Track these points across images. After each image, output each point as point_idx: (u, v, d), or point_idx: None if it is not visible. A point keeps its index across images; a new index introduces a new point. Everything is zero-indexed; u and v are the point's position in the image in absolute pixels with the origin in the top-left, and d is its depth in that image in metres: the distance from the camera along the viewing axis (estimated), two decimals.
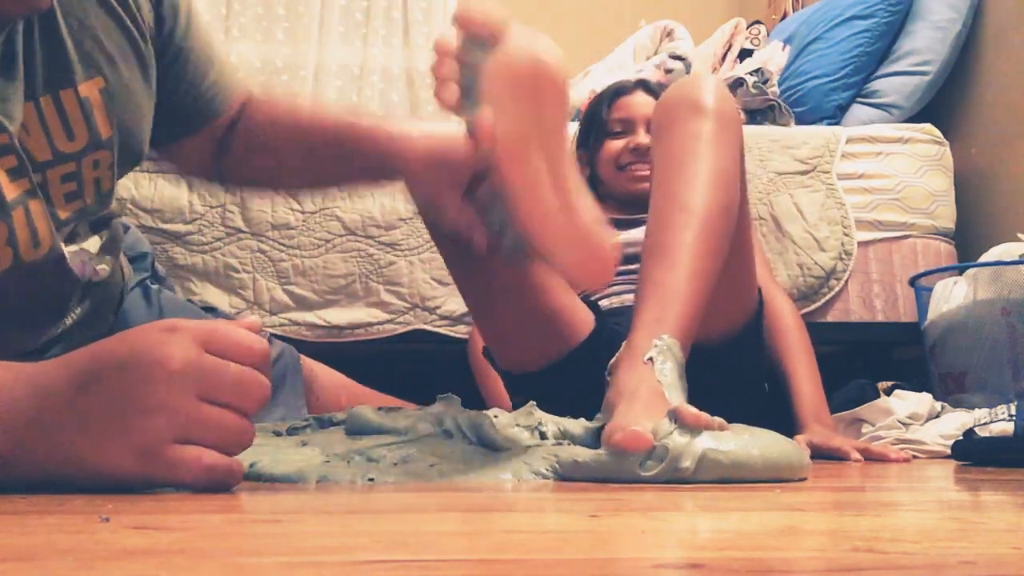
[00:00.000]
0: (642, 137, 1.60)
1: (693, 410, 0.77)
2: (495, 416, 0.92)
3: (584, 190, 0.87)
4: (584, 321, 1.27)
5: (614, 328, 1.25)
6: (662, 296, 0.95)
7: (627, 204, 1.62)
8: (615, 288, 1.49)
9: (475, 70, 0.77)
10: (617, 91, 1.71)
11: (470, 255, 1.01)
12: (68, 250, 0.86)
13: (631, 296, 1.43)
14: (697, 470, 0.74)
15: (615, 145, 1.64)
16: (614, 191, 1.65)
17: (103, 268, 0.94)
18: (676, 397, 0.85)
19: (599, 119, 1.69)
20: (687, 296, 0.94)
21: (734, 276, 1.17)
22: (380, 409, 0.98)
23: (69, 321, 0.92)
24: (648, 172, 1.57)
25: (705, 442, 0.75)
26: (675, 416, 0.77)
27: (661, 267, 0.97)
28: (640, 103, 1.65)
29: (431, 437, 0.89)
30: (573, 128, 1.87)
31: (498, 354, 1.24)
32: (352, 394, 1.39)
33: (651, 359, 0.88)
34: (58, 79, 0.80)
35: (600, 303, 1.48)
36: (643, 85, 1.71)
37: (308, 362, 1.35)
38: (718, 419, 0.78)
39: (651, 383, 0.85)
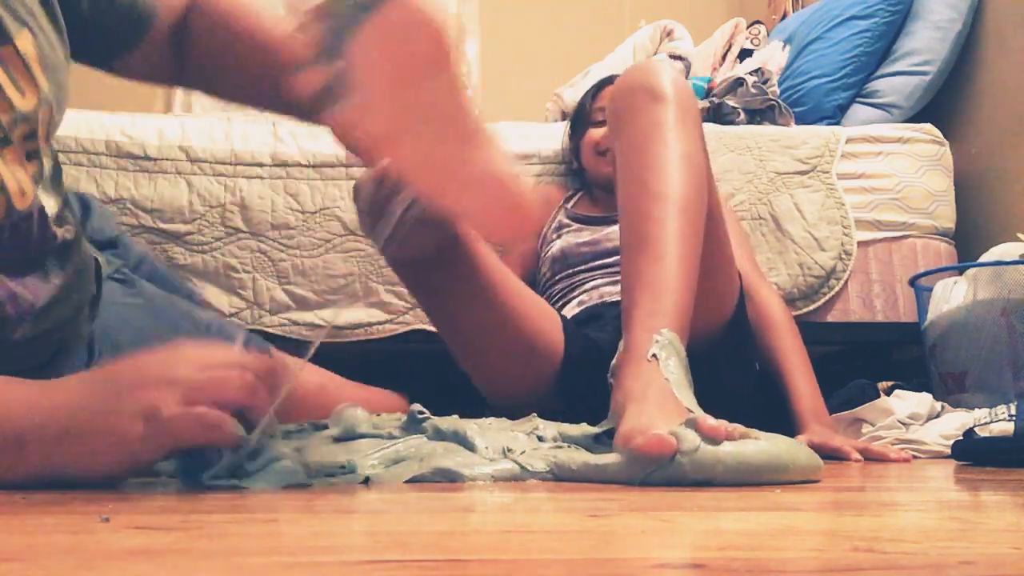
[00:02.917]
0: None
1: (712, 421, 0.75)
2: (489, 424, 0.92)
3: (494, 140, 0.79)
4: (557, 340, 1.24)
5: (587, 336, 1.25)
6: (652, 289, 0.92)
7: (607, 197, 1.63)
8: (595, 282, 1.49)
9: (342, 35, 0.64)
10: (602, 82, 1.73)
11: (436, 287, 1.02)
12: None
13: (609, 289, 1.44)
14: (727, 477, 0.73)
15: (596, 132, 1.66)
16: (597, 178, 1.67)
17: (69, 229, 0.92)
18: (686, 396, 0.83)
19: (583, 110, 1.72)
20: (677, 287, 0.92)
21: (713, 266, 1.14)
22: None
23: (57, 282, 0.90)
24: None
25: (732, 453, 0.73)
26: (694, 426, 0.75)
27: (646, 259, 0.95)
28: None
29: (418, 439, 0.89)
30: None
31: (484, 388, 1.23)
32: (334, 386, 1.37)
33: (654, 356, 0.86)
34: None
35: (579, 298, 1.48)
36: None
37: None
38: (739, 427, 0.76)
39: (659, 383, 0.83)
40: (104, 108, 1.77)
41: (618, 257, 1.46)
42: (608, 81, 1.73)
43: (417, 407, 0.93)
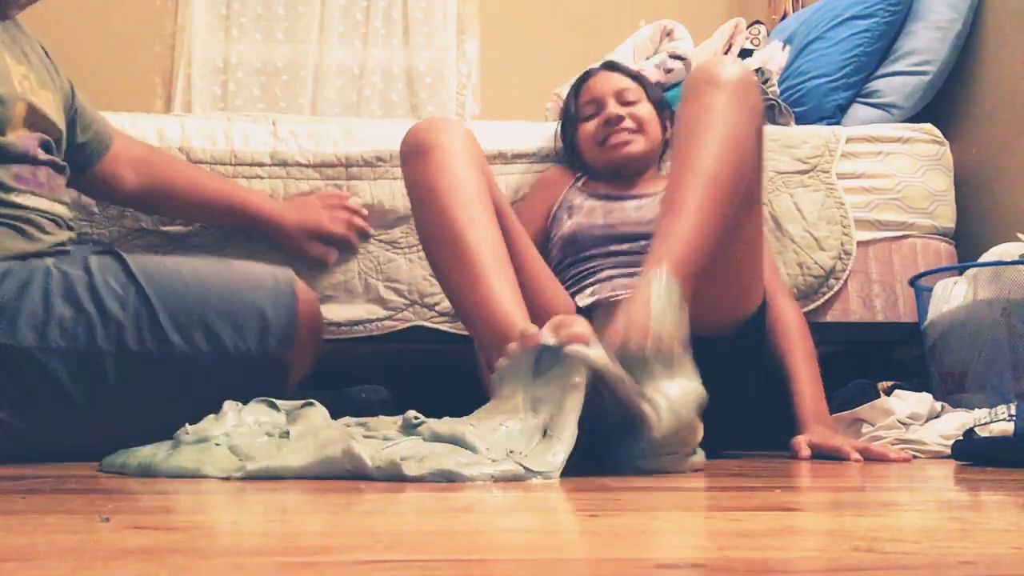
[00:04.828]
0: (612, 107, 1.60)
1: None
2: (485, 425, 0.92)
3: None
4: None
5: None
6: (665, 242, 1.06)
7: (617, 179, 1.60)
8: (608, 271, 1.47)
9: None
10: (581, 79, 1.70)
11: None
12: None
13: (623, 281, 1.42)
14: None
15: (589, 126, 1.63)
16: (601, 168, 1.63)
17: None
18: (668, 320, 0.96)
19: (570, 110, 1.68)
20: (688, 241, 1.05)
21: (741, 257, 1.24)
22: (360, 424, 1.00)
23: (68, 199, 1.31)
24: (626, 137, 1.58)
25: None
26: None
27: (668, 220, 1.08)
28: (603, 79, 1.65)
29: (415, 439, 0.89)
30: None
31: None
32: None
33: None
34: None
35: (591, 287, 1.47)
36: (607, 64, 1.70)
37: None
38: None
39: (641, 312, 0.97)
40: (103, 108, 1.77)
41: (632, 245, 1.45)
42: (585, 77, 1.69)
43: (412, 413, 0.94)
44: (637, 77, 1.65)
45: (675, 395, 0.91)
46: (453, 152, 1.19)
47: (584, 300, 1.45)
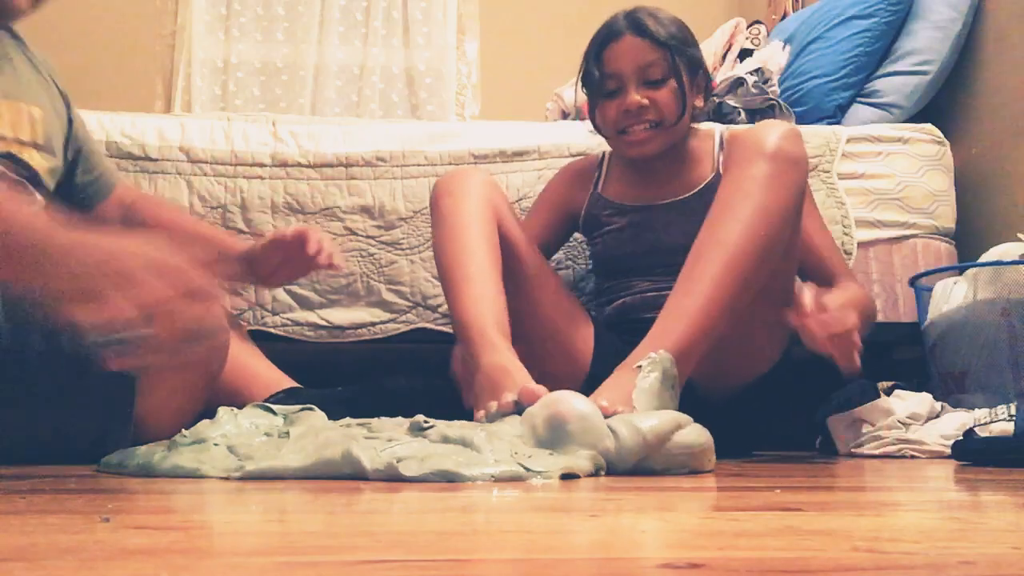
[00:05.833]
0: (632, 95, 1.42)
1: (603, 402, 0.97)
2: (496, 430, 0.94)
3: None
4: (586, 339, 1.38)
5: (618, 345, 1.26)
6: (673, 317, 1.08)
7: (640, 170, 1.52)
8: (643, 284, 1.44)
9: None
10: (604, 39, 1.48)
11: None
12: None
13: (654, 295, 1.42)
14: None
15: (610, 108, 1.45)
16: (621, 154, 1.53)
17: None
18: (643, 400, 0.99)
19: (591, 75, 1.49)
20: (696, 319, 1.07)
21: (760, 320, 1.23)
22: (362, 424, 1.00)
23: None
24: (642, 136, 1.44)
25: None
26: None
27: (681, 293, 1.10)
28: (628, 50, 1.44)
29: (419, 440, 0.89)
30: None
31: None
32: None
33: (639, 367, 1.02)
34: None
35: (625, 299, 1.46)
36: (634, 26, 1.45)
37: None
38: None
39: (625, 387, 1.01)
40: (103, 108, 1.77)
41: (666, 268, 1.42)
42: (610, 37, 1.46)
43: (421, 417, 0.94)
44: (664, 43, 1.44)
45: (636, 418, 0.94)
46: (463, 196, 1.28)
47: (617, 307, 1.47)
